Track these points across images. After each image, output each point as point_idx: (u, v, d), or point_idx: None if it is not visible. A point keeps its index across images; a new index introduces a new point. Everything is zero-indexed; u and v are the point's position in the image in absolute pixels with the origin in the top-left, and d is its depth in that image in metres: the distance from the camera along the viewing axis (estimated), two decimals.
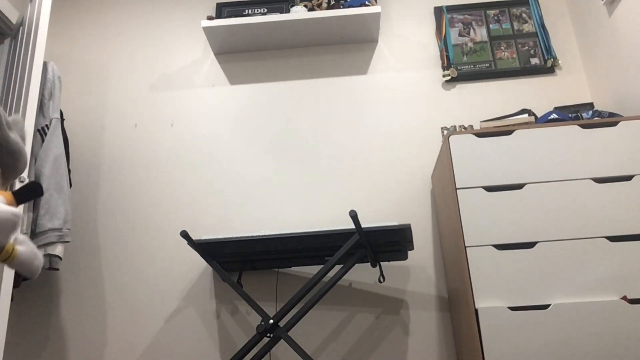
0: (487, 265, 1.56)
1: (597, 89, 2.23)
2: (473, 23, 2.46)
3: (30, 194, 0.71)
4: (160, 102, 2.44)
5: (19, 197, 0.70)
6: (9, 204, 0.69)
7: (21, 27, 2.19)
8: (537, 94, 2.31)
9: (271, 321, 1.65)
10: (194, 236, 1.76)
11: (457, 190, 1.65)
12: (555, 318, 1.49)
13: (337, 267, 1.73)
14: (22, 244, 0.73)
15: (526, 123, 1.88)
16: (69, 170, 2.09)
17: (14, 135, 0.73)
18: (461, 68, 2.37)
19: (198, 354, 2.03)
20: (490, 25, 2.44)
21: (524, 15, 2.45)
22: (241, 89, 2.44)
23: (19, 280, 0.79)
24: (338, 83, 2.42)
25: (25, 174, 1.79)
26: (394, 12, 2.54)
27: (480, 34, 2.43)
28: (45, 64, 2.09)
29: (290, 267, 2.09)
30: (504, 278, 1.55)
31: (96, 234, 2.22)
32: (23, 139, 0.79)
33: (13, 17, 2.23)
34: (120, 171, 2.32)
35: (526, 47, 2.39)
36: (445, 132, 2.23)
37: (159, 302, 2.11)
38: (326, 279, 1.72)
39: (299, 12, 2.32)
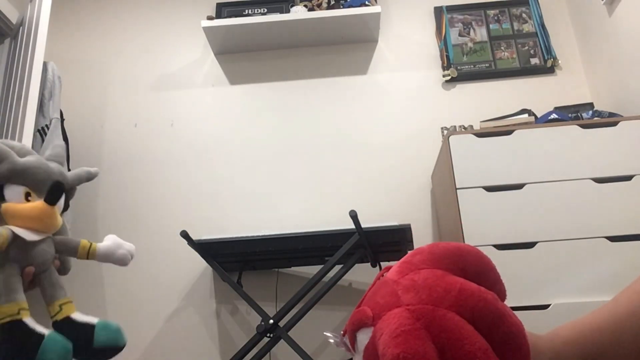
0: None
1: (597, 89, 2.22)
2: (473, 23, 2.45)
3: (59, 192, 0.74)
4: (160, 102, 2.44)
5: (50, 198, 0.72)
6: (43, 210, 0.70)
7: (21, 27, 2.18)
8: (537, 94, 2.30)
9: (271, 321, 1.65)
10: (194, 236, 1.76)
11: (457, 190, 1.65)
12: (555, 318, 1.48)
13: (337, 267, 1.73)
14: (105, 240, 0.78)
15: (526, 123, 1.88)
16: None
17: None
18: (461, 68, 2.36)
19: (198, 354, 2.03)
20: (490, 25, 2.44)
21: (524, 15, 2.45)
22: (241, 89, 2.44)
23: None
24: (338, 83, 2.41)
25: None
26: (394, 12, 2.54)
27: (480, 34, 2.43)
28: (45, 64, 2.09)
29: (290, 267, 2.09)
30: (504, 278, 1.53)
31: (96, 234, 2.22)
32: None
33: (13, 17, 2.23)
34: (120, 171, 2.32)
35: (526, 47, 2.39)
36: (445, 132, 2.23)
37: (159, 302, 2.11)
38: (326, 279, 1.72)
39: (299, 12, 2.32)
